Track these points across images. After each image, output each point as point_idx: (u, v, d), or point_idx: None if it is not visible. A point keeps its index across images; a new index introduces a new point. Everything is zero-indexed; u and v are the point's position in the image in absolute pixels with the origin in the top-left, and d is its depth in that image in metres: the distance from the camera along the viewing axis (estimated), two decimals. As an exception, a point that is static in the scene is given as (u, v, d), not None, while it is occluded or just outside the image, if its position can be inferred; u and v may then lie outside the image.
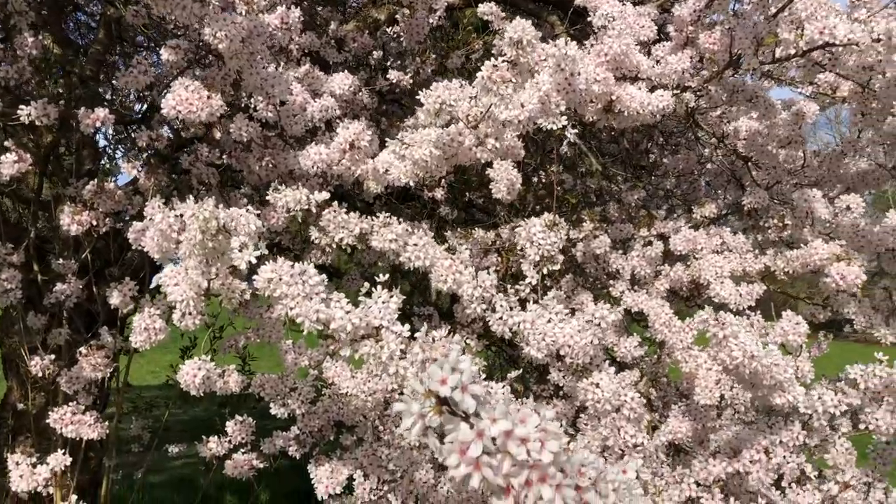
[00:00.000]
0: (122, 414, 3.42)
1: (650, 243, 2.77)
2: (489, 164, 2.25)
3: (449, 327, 2.90)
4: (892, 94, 2.18)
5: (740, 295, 2.51)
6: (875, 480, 2.06)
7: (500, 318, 1.76)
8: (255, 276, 1.46)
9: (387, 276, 1.52)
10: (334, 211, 1.87)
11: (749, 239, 2.84)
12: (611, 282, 2.86)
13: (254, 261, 1.40)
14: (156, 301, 2.02)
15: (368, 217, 1.90)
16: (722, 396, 2.20)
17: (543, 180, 3.49)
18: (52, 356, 2.48)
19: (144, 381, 9.16)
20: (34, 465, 2.25)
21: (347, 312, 1.42)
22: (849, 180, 2.94)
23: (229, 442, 2.41)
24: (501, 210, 3.34)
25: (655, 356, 3.09)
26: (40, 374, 2.43)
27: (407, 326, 1.41)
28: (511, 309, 1.77)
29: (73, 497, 2.64)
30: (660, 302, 2.57)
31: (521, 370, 3.93)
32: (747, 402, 2.37)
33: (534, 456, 0.65)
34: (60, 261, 2.56)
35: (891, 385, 1.95)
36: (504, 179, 2.23)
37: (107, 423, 2.42)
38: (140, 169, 2.45)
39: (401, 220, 2.05)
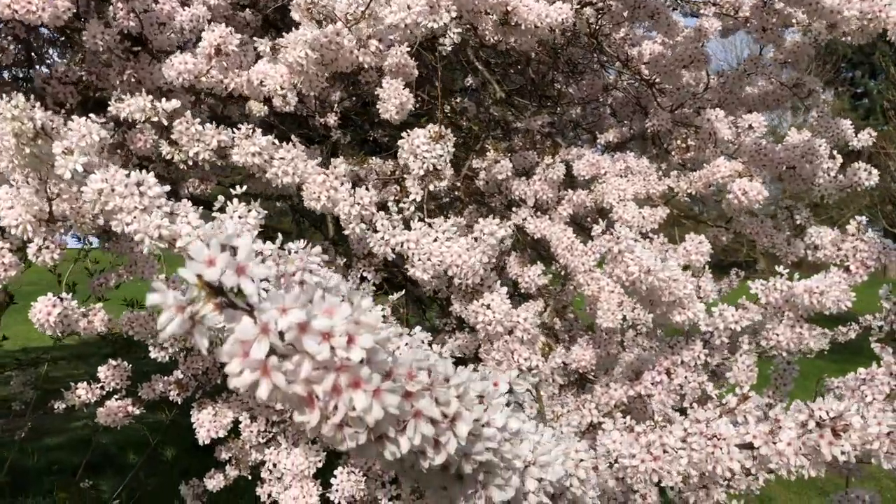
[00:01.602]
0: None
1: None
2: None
3: (344, 259, 2.75)
4: (792, 4, 2.10)
5: (643, 217, 2.43)
6: (777, 402, 2.03)
7: (382, 237, 1.61)
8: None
9: (244, 187, 1.36)
10: (187, 121, 1.67)
11: (653, 167, 2.76)
12: (513, 209, 2.75)
13: (80, 169, 1.21)
14: (6, 234, 1.80)
15: (228, 129, 1.71)
16: (624, 318, 2.12)
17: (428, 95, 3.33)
18: None
19: (33, 339, 8.64)
20: None
21: (196, 227, 1.25)
22: (750, 103, 2.89)
23: (101, 388, 2.21)
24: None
25: (560, 286, 3.02)
26: None
27: (269, 243, 1.25)
28: (394, 228, 1.62)
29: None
30: (562, 227, 2.47)
31: (422, 303, 3.82)
32: (650, 324, 2.30)
33: (339, 354, 0.50)
34: None
35: (791, 299, 1.89)
36: (392, 98, 2.07)
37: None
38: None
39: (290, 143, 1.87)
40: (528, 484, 0.77)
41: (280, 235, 1.17)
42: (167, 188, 1.28)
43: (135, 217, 1.21)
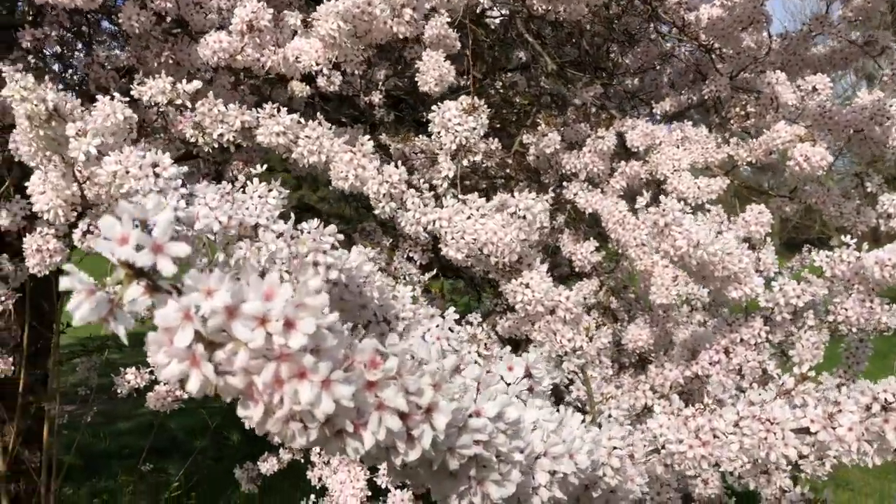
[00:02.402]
0: (61, 360, 3.23)
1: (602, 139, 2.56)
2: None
3: (391, 240, 2.70)
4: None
5: (699, 188, 2.31)
6: (848, 383, 1.90)
7: (413, 215, 1.55)
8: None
9: (264, 166, 1.31)
10: (209, 102, 1.63)
11: (712, 136, 2.62)
12: (565, 184, 2.66)
13: (93, 151, 1.18)
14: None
15: (253, 108, 1.67)
16: (679, 294, 2.02)
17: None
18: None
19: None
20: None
21: (213, 209, 1.21)
22: (816, 64, 2.72)
23: (150, 373, 2.22)
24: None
25: (614, 263, 2.92)
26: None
27: (290, 224, 1.20)
28: (425, 206, 1.55)
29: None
30: (614, 200, 2.37)
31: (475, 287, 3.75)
32: (706, 300, 2.19)
33: (276, 341, 0.44)
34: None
35: (860, 272, 1.76)
36: (432, 70, 2.00)
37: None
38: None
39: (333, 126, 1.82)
40: (537, 477, 0.70)
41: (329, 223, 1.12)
42: (184, 169, 1.24)
43: (149, 199, 1.18)
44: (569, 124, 2.93)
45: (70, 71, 2.47)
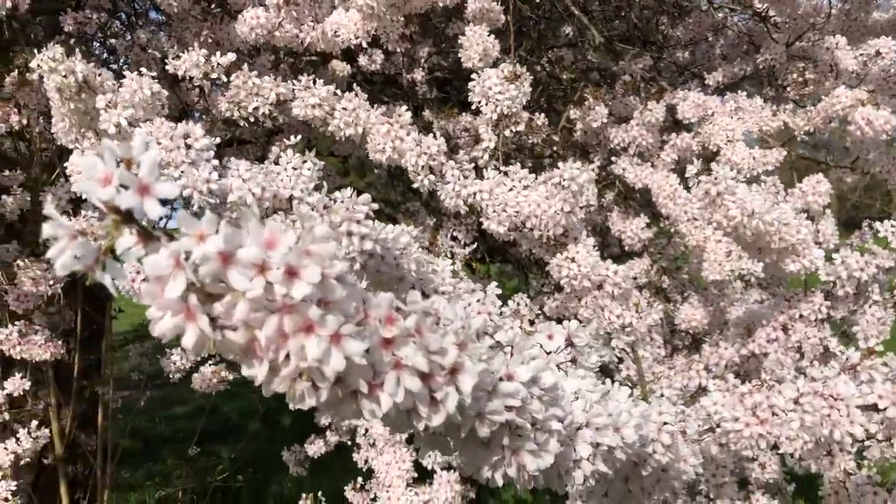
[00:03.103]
0: (114, 345, 3.27)
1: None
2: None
3: (434, 220, 2.66)
4: None
5: (754, 159, 2.21)
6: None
7: (453, 188, 1.50)
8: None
9: (298, 137, 1.28)
10: (244, 75, 1.59)
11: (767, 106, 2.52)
12: (613, 159, 2.58)
13: (124, 123, 1.15)
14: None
15: (287, 80, 1.63)
16: (732, 270, 1.94)
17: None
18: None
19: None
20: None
21: (246, 181, 1.18)
22: (878, 31, 2.59)
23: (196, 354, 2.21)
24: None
25: (666, 240, 2.84)
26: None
27: (323, 193, 1.16)
28: (465, 178, 1.50)
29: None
30: (664, 174, 2.29)
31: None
32: (760, 275, 2.10)
33: (278, 291, 0.40)
34: (6, 172, 2.34)
35: (929, 242, 1.67)
36: (475, 45, 1.95)
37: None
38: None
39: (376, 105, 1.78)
40: (579, 449, 0.65)
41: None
42: (217, 140, 1.21)
43: (182, 171, 1.15)
44: (617, 98, 2.85)
45: (113, 56, 2.47)
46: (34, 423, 2.30)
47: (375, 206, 1.08)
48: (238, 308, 0.40)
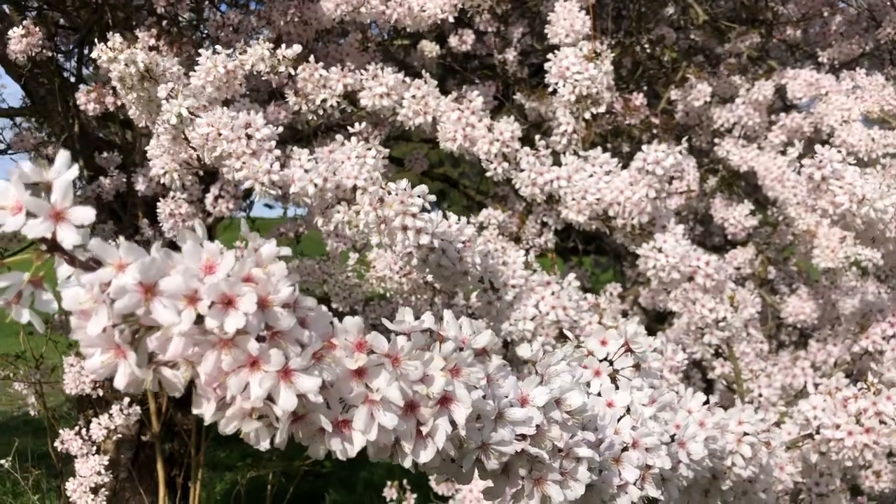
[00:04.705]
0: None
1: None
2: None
3: (525, 205, 2.57)
4: None
5: (873, 140, 2.02)
6: None
7: (528, 176, 1.42)
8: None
9: (363, 124, 1.23)
10: (311, 66, 1.55)
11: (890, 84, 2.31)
12: (717, 141, 2.43)
13: (185, 113, 1.14)
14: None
15: (356, 71, 1.58)
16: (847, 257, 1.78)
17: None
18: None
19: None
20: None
21: (308, 171, 1.14)
22: None
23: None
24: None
25: (772, 228, 2.66)
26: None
27: (377, 186, 1.11)
28: (541, 165, 1.41)
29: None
30: (771, 156, 2.13)
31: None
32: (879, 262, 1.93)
33: (208, 324, 0.34)
34: (104, 154, 2.42)
35: None
36: (562, 20, 1.86)
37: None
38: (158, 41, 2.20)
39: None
40: (625, 474, 0.58)
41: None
42: (279, 130, 1.18)
43: (244, 162, 1.13)
44: (721, 78, 2.69)
45: (204, 36, 2.50)
46: (126, 400, 2.40)
47: (432, 197, 1.02)
48: (172, 344, 0.35)
